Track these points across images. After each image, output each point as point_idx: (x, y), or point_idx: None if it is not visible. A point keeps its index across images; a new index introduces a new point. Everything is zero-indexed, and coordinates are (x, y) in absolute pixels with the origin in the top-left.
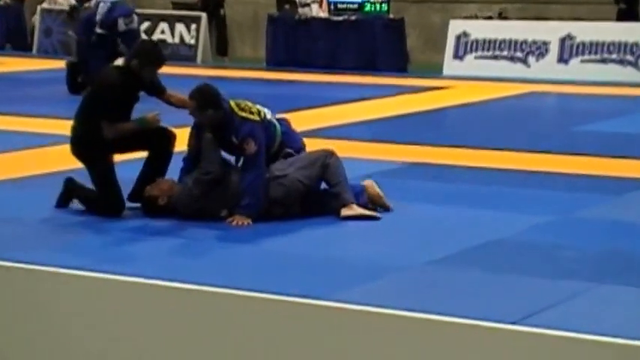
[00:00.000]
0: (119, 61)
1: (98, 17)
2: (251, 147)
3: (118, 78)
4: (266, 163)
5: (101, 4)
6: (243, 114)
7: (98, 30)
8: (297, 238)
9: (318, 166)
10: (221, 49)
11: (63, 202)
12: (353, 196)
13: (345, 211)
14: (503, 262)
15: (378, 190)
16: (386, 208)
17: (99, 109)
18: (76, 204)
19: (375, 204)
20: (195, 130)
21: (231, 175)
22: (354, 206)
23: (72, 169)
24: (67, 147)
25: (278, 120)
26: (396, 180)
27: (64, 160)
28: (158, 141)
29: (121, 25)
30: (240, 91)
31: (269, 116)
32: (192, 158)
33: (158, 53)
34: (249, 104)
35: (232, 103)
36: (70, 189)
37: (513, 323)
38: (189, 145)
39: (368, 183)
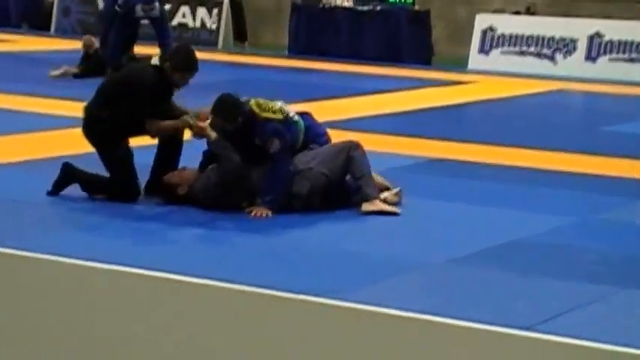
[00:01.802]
0: (155, 60)
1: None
2: (275, 145)
3: (151, 78)
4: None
5: None
6: (265, 114)
7: (117, 9)
8: (316, 232)
9: (342, 158)
10: (240, 35)
11: (57, 188)
12: (376, 190)
13: (366, 206)
14: (524, 263)
15: (381, 179)
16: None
17: (135, 107)
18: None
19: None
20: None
21: (252, 171)
22: (377, 201)
23: (87, 152)
24: (75, 131)
25: (301, 114)
26: (417, 176)
27: (79, 144)
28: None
29: (139, 11)
30: (261, 77)
31: (291, 114)
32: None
33: (190, 59)
34: (270, 103)
35: (253, 104)
36: (69, 174)
37: (533, 326)
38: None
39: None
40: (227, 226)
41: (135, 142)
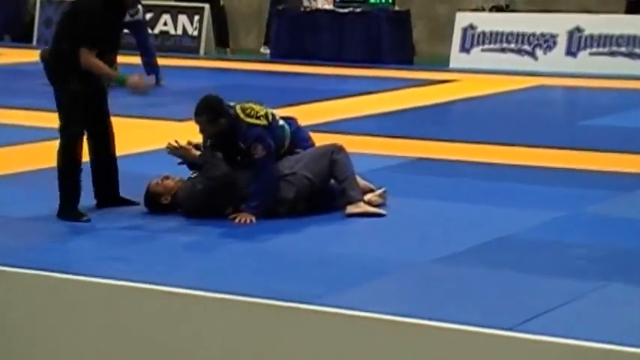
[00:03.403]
0: None
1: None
2: (259, 151)
3: (98, 2)
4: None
5: None
6: (250, 120)
7: None
8: (300, 236)
9: (325, 161)
10: (222, 40)
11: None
12: (360, 192)
13: (350, 209)
14: (510, 260)
15: (364, 183)
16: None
17: (77, 33)
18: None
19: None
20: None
21: (237, 176)
22: (361, 203)
23: None
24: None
25: (287, 120)
26: (401, 175)
27: None
28: (99, 136)
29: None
30: (243, 82)
31: (277, 118)
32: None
33: None
34: (256, 108)
35: (238, 109)
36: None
37: (521, 324)
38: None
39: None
40: (210, 232)
41: (124, 150)
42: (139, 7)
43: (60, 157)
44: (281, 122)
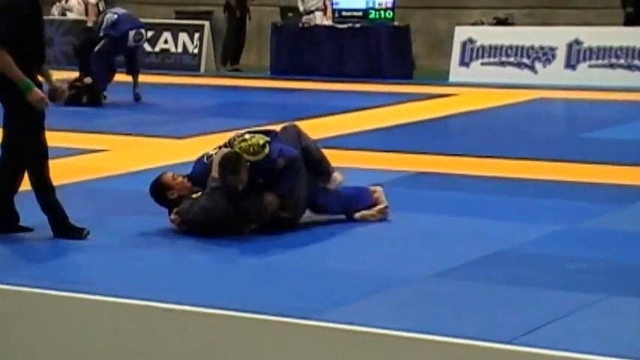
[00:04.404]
0: None
1: (103, 28)
2: (281, 164)
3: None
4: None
5: (107, 15)
6: (253, 158)
7: (104, 34)
8: (298, 251)
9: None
10: (236, 56)
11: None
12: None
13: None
14: (509, 274)
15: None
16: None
17: (10, 28)
18: None
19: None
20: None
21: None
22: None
23: (75, 181)
24: (70, 160)
25: (267, 133)
26: (401, 189)
27: (68, 174)
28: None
29: (131, 40)
30: (244, 100)
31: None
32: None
33: None
34: (252, 141)
35: (241, 152)
36: None
37: (517, 338)
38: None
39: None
40: (210, 250)
41: (126, 167)
42: (143, 31)
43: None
44: (267, 149)
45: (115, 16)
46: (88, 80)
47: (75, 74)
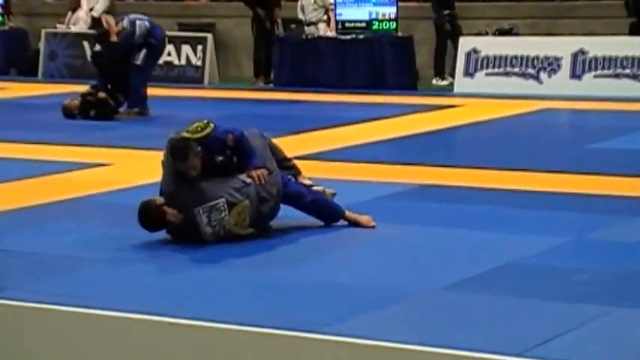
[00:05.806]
0: None
1: (137, 36)
2: (231, 140)
3: None
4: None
5: (138, 22)
6: (199, 135)
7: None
8: (307, 264)
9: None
10: (267, 68)
11: None
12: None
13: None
14: (519, 286)
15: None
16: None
17: None
18: None
19: None
20: None
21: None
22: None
23: (78, 196)
24: (72, 175)
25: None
26: (407, 202)
27: (70, 189)
28: None
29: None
30: (247, 112)
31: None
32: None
33: None
34: (196, 123)
35: (187, 137)
36: None
37: (530, 349)
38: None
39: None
40: (217, 262)
41: (129, 182)
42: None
43: None
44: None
45: (146, 22)
46: (102, 95)
47: (82, 87)
